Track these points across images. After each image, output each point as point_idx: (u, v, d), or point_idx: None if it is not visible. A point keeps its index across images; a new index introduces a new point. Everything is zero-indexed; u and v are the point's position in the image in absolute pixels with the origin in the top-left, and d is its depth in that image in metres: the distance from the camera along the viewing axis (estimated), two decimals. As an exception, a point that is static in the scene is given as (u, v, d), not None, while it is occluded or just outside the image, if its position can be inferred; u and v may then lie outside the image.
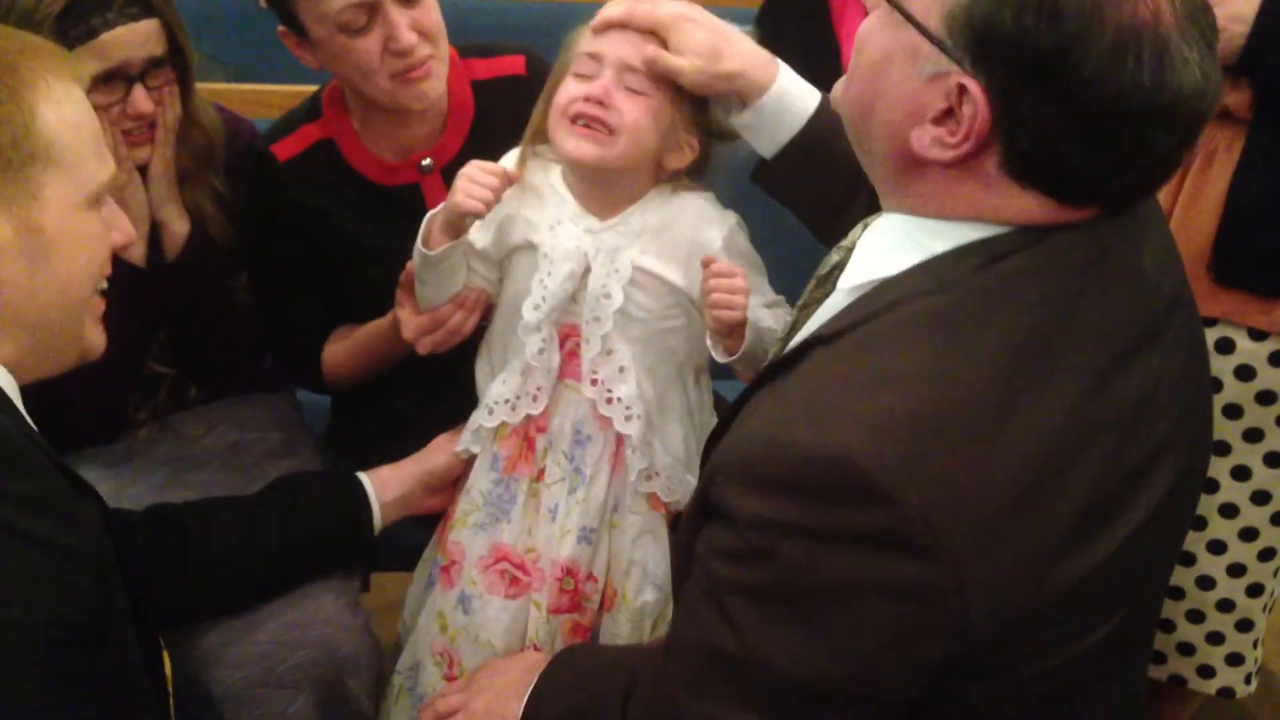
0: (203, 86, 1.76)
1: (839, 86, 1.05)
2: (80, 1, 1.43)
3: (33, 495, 0.98)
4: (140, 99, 1.49)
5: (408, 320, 1.48)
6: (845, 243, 1.15)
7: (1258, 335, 1.60)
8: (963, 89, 0.89)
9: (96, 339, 1.14)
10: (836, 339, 0.95)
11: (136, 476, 1.67)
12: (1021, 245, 0.92)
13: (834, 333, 0.95)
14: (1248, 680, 1.77)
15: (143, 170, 1.56)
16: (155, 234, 1.59)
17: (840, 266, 1.12)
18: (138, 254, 1.56)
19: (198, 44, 1.70)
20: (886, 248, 1.00)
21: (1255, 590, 1.72)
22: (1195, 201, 1.58)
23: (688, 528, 1.03)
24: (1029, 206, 0.92)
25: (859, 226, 1.14)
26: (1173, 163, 0.92)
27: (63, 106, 1.05)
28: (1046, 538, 0.88)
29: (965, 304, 0.91)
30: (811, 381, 0.93)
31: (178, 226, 1.60)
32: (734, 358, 1.34)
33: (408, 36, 1.48)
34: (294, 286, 1.67)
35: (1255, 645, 1.76)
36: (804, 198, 1.40)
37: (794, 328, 1.20)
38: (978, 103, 0.88)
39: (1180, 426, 0.98)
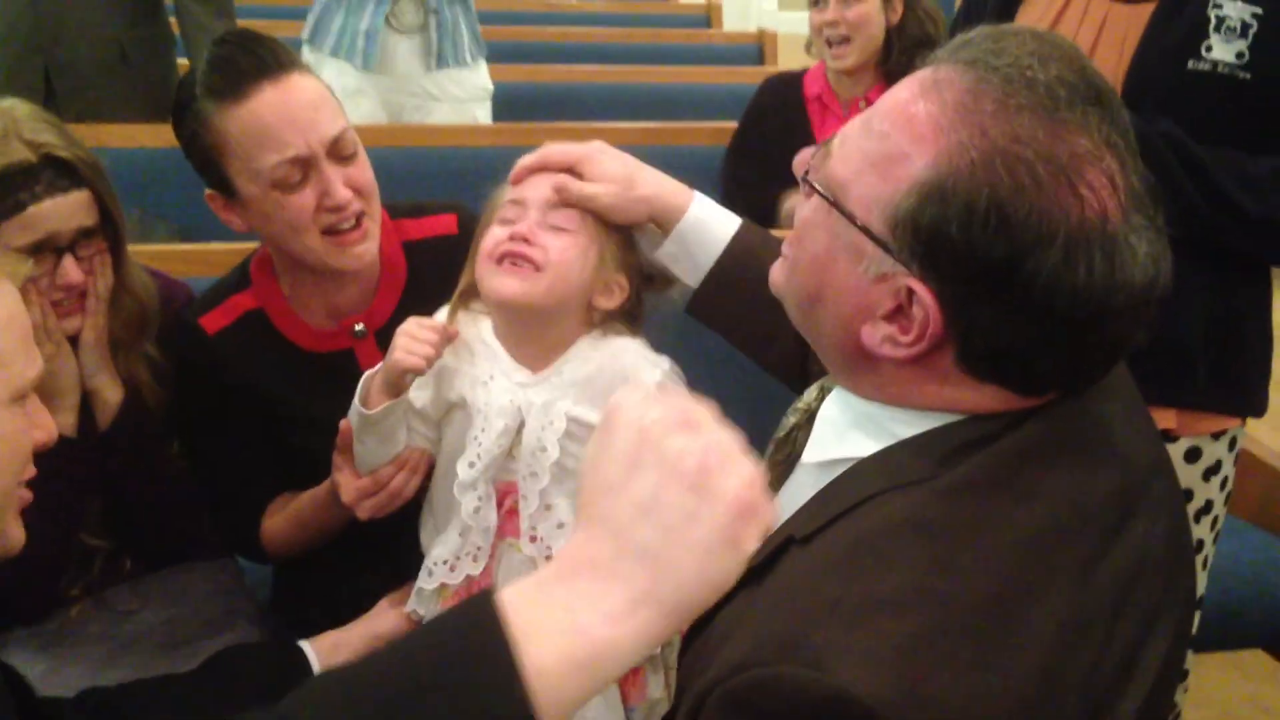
0: (145, 247, 1.76)
1: (778, 272, 1.05)
2: (8, 176, 1.44)
3: None
4: (70, 269, 1.49)
5: (346, 484, 1.45)
6: (800, 404, 1.14)
7: (1168, 438, 1.63)
8: (911, 291, 0.88)
9: (16, 535, 1.11)
10: (813, 539, 0.91)
11: (70, 658, 1.61)
12: (990, 433, 0.91)
13: (810, 532, 0.91)
14: None
15: (73, 339, 1.54)
16: (86, 403, 1.57)
17: (798, 429, 1.11)
18: (68, 424, 1.53)
19: (141, 201, 1.71)
20: (849, 425, 0.99)
21: None
22: None
23: None
24: (987, 397, 0.92)
25: (815, 388, 1.13)
26: (1129, 344, 0.91)
27: None
28: None
29: (947, 509, 0.87)
30: (797, 601, 0.86)
31: (110, 395, 1.58)
32: None
33: (342, 192, 1.49)
34: (229, 459, 1.64)
35: None
36: (736, 324, 1.41)
37: None
38: (928, 306, 0.88)
39: (1170, 593, 0.95)
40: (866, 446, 0.96)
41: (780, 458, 1.14)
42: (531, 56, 4.20)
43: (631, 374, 1.38)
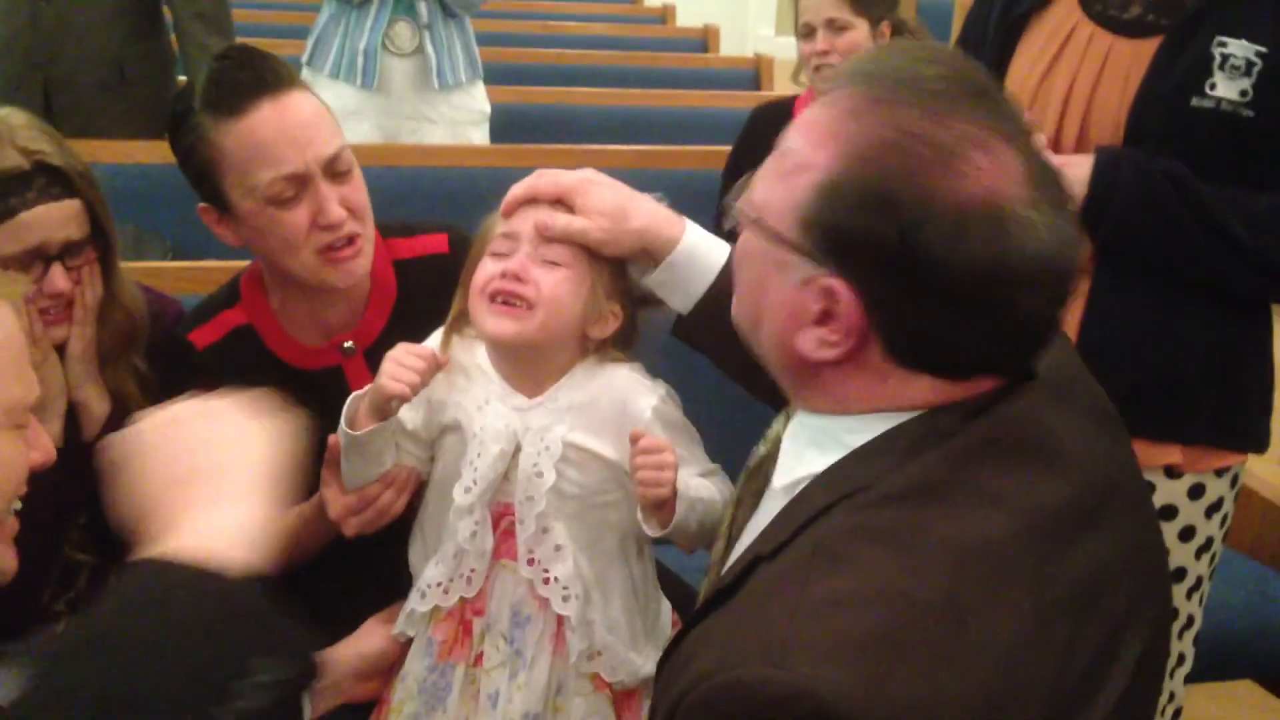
0: (139, 265, 1.75)
1: (733, 304, 1.10)
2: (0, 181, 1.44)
3: None
4: (58, 278, 1.48)
5: (334, 500, 1.45)
6: (770, 434, 1.15)
7: (1173, 474, 1.63)
8: (831, 290, 0.92)
9: (8, 561, 1.11)
10: (778, 554, 0.93)
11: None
12: (937, 431, 0.94)
13: (774, 547, 0.94)
14: None
15: (60, 349, 1.53)
16: (72, 414, 1.55)
17: (769, 459, 1.12)
18: (53, 433, 1.51)
19: (136, 217, 1.70)
20: (806, 443, 1.02)
21: None
22: None
23: None
24: (924, 389, 0.95)
25: (782, 416, 1.15)
26: (1047, 321, 0.94)
27: None
28: None
29: (901, 513, 0.90)
30: (760, 609, 0.89)
31: (96, 407, 1.57)
32: (665, 532, 1.33)
33: (337, 211, 1.49)
34: None
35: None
36: (725, 351, 1.40)
37: (732, 524, 1.19)
38: (846, 300, 0.92)
39: (1139, 606, 0.97)
40: (823, 462, 0.99)
41: (753, 488, 1.16)
42: (529, 79, 4.21)
43: (628, 399, 1.37)
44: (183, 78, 3.16)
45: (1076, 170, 1.54)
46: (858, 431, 0.97)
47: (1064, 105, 1.60)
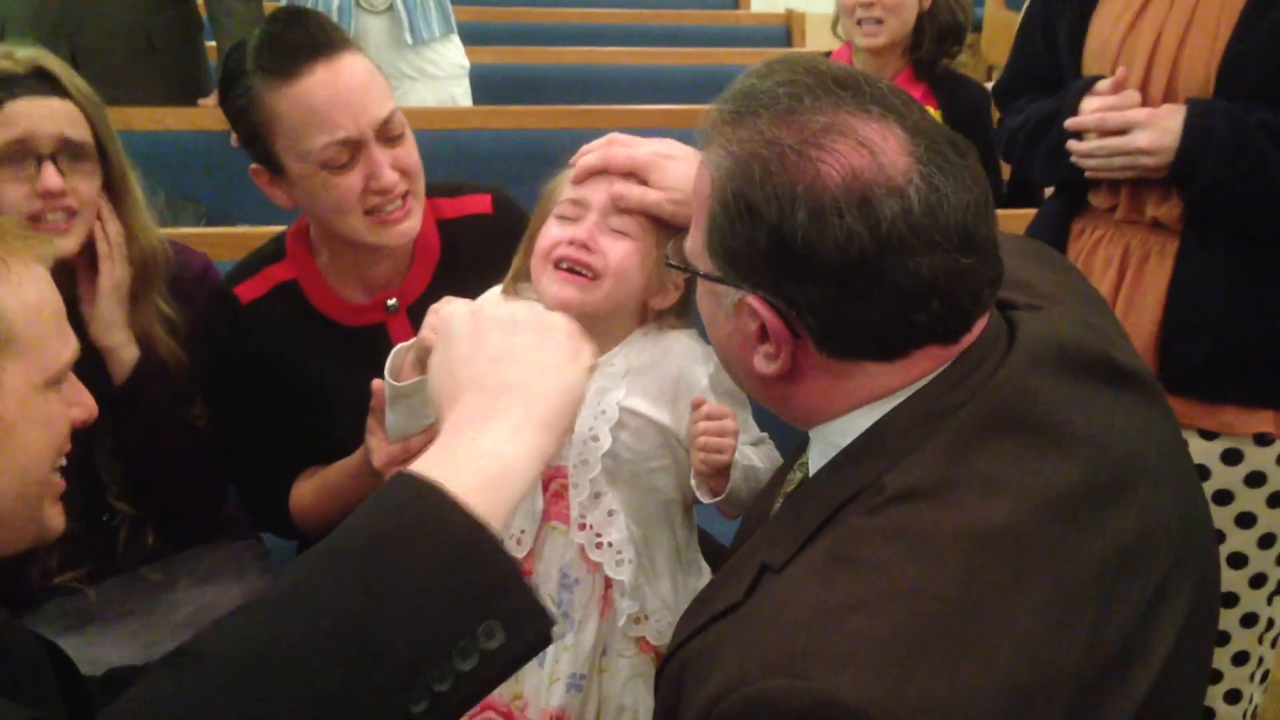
0: (173, 231, 1.73)
1: None
2: None
3: None
4: (49, 175, 1.45)
5: (378, 449, 1.44)
6: (804, 458, 1.15)
7: (1208, 435, 1.60)
8: (751, 306, 0.96)
9: (56, 519, 1.10)
10: (786, 567, 0.95)
11: (98, 636, 1.60)
12: (919, 424, 0.95)
13: (783, 561, 0.95)
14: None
15: (69, 277, 1.51)
16: (101, 361, 1.54)
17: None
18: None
19: (168, 183, 1.68)
20: (816, 458, 1.05)
21: (1241, 658, 1.69)
22: (1133, 305, 1.61)
23: None
24: (880, 376, 0.97)
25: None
26: (964, 279, 0.93)
27: (23, 288, 1.03)
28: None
29: (906, 511, 0.90)
30: (776, 618, 0.89)
31: (125, 353, 1.56)
32: (719, 499, 1.31)
33: (389, 175, 1.49)
34: (258, 430, 1.64)
35: (1261, 641, 1.70)
36: None
37: None
38: (763, 311, 0.96)
39: (1176, 574, 0.95)
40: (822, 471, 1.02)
41: None
42: (557, 39, 4.18)
43: (685, 367, 1.36)
44: (211, 44, 3.15)
45: (1167, 121, 1.50)
46: (844, 432, 1.00)
47: (1150, 58, 1.56)
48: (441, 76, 3.26)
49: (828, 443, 1.02)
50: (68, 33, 2.86)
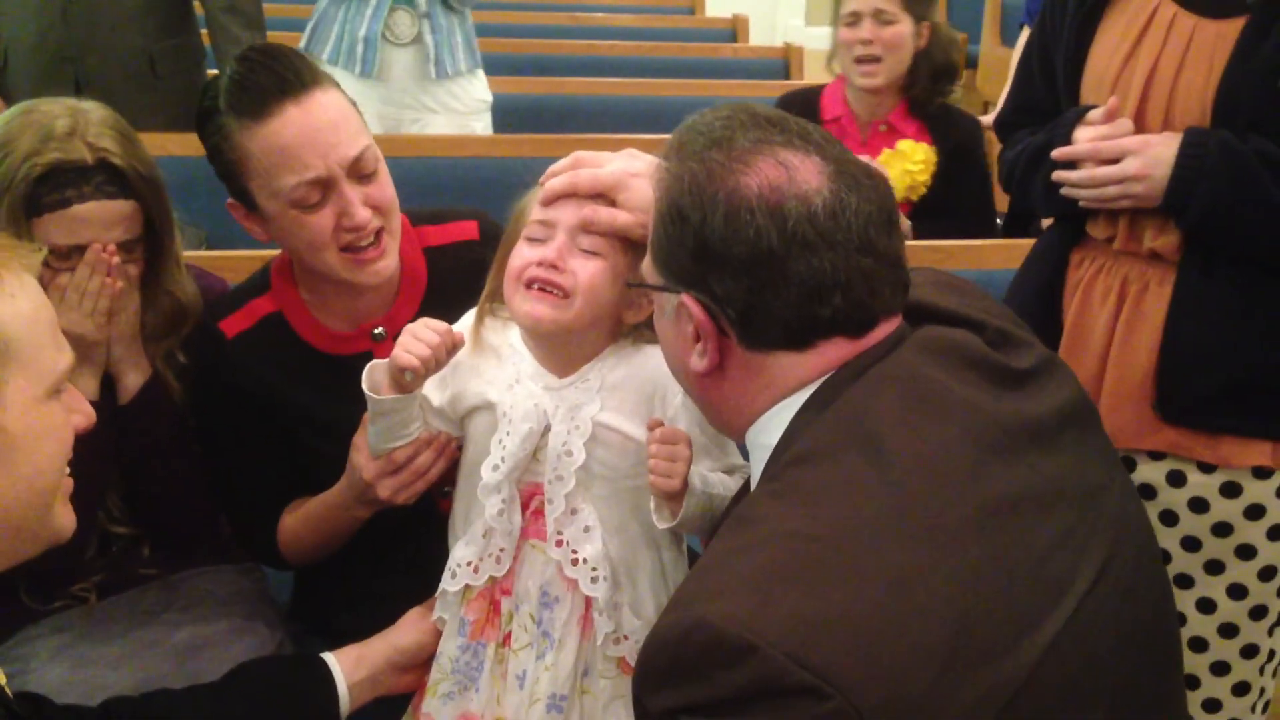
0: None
1: None
2: (59, 171, 1.46)
3: None
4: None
5: (365, 464, 1.45)
6: None
7: (1207, 468, 1.59)
8: (683, 305, 1.09)
9: (66, 520, 1.13)
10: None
11: (93, 657, 1.61)
12: (821, 402, 1.06)
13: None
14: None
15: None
16: (107, 379, 1.59)
17: None
18: (90, 389, 1.55)
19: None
20: (755, 468, 1.14)
21: None
22: (1131, 335, 1.60)
23: None
24: (785, 368, 1.09)
25: None
26: (865, 278, 1.05)
27: (17, 300, 1.05)
28: (937, 648, 0.89)
29: (797, 471, 1.02)
30: (683, 584, 1.02)
31: (131, 378, 1.60)
32: (674, 523, 1.32)
33: (362, 213, 1.49)
34: (247, 463, 1.64)
35: (1262, 672, 1.68)
36: None
37: None
38: (692, 308, 1.09)
39: (1086, 528, 1.03)
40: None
41: None
42: (558, 70, 4.20)
43: (660, 383, 1.37)
44: (214, 71, 3.18)
45: (1159, 149, 1.50)
46: (768, 430, 1.10)
47: (1146, 89, 1.55)
48: (463, 111, 3.25)
49: (760, 445, 1.12)
50: (72, 58, 2.89)
